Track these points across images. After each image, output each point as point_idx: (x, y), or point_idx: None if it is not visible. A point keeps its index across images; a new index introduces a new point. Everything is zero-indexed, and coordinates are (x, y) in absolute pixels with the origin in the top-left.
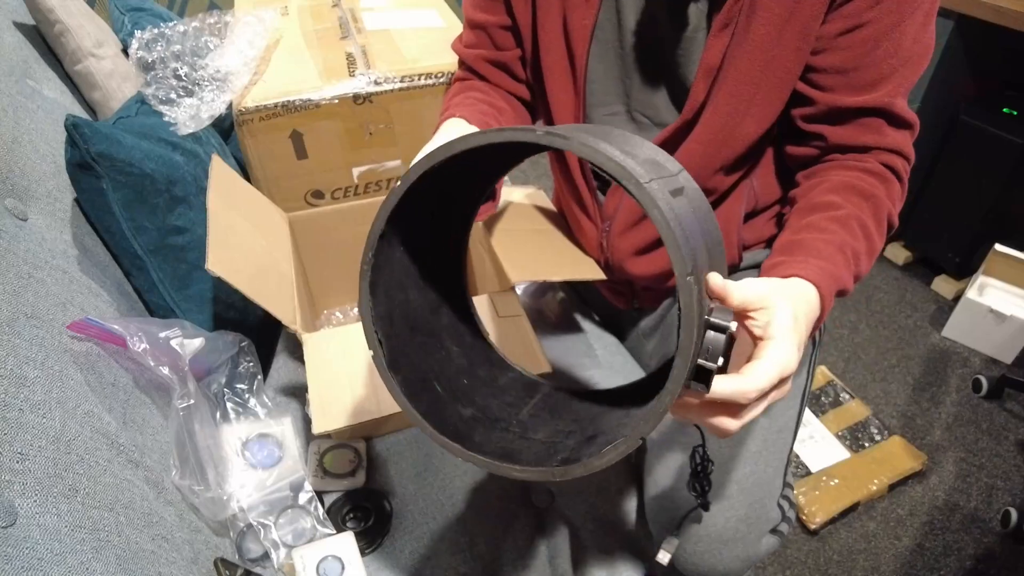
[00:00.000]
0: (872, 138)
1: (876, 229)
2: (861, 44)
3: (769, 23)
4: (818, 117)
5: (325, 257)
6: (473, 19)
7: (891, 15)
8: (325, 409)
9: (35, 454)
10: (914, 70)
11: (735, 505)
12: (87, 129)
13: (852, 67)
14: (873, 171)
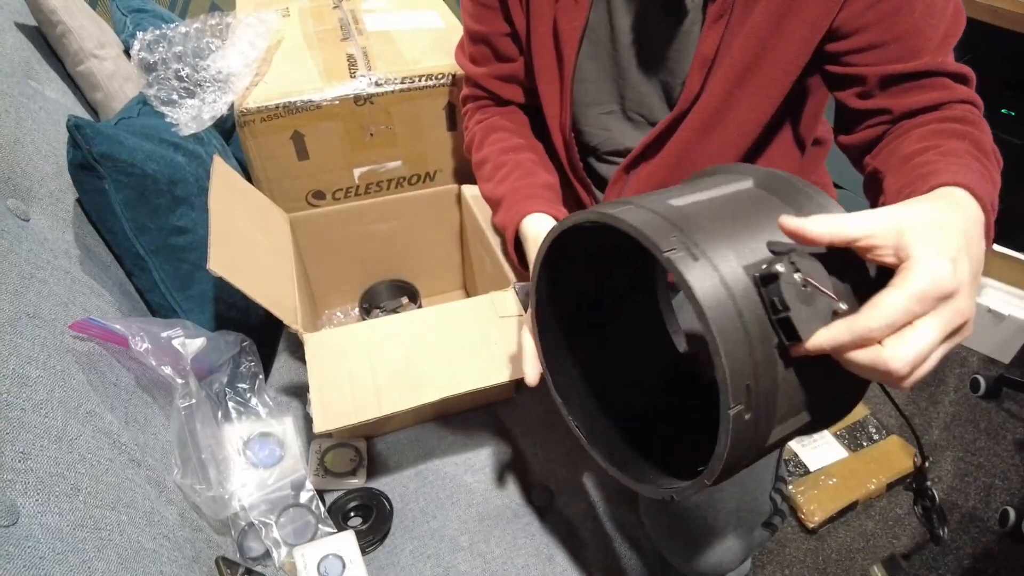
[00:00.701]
0: (939, 94)
1: (987, 158)
2: (892, 14)
3: (767, 13)
4: (874, 91)
5: (326, 257)
6: (473, 31)
7: None
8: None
9: (37, 453)
10: (953, 27)
11: (726, 498)
12: (89, 130)
13: (891, 39)
14: (954, 117)
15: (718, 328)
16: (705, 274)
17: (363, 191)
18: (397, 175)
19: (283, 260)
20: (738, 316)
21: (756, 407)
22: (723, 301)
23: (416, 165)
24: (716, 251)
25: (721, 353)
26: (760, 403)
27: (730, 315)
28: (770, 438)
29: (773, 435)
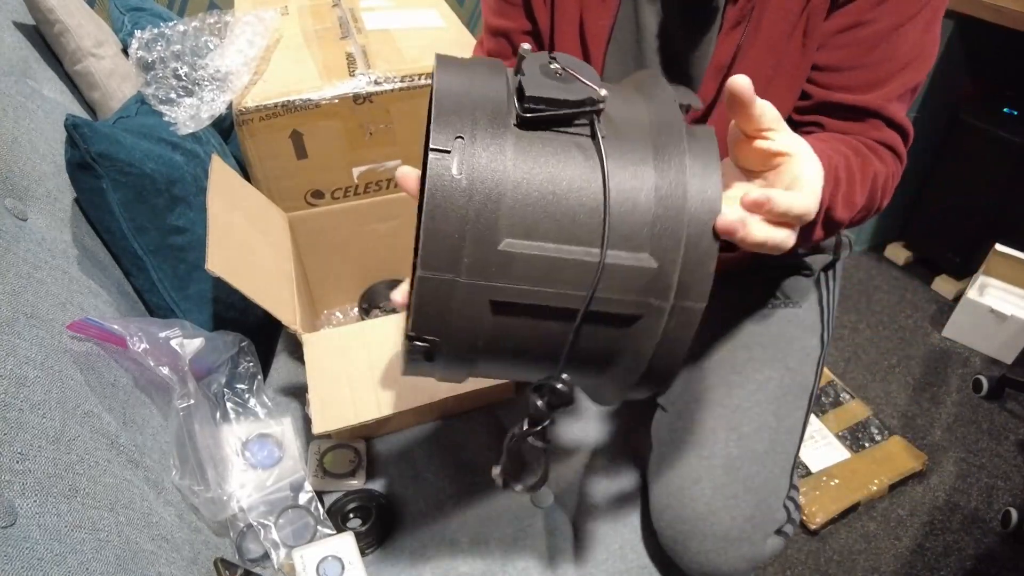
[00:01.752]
0: (870, 130)
1: (860, 179)
2: (859, 44)
3: (781, 20)
4: (812, 109)
5: (325, 257)
6: (493, 25)
7: (892, 16)
8: (325, 409)
9: (35, 454)
10: (913, 76)
11: (741, 504)
12: (87, 129)
13: (848, 67)
14: (868, 145)
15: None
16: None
17: (362, 190)
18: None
19: (282, 260)
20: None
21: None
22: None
23: (416, 164)
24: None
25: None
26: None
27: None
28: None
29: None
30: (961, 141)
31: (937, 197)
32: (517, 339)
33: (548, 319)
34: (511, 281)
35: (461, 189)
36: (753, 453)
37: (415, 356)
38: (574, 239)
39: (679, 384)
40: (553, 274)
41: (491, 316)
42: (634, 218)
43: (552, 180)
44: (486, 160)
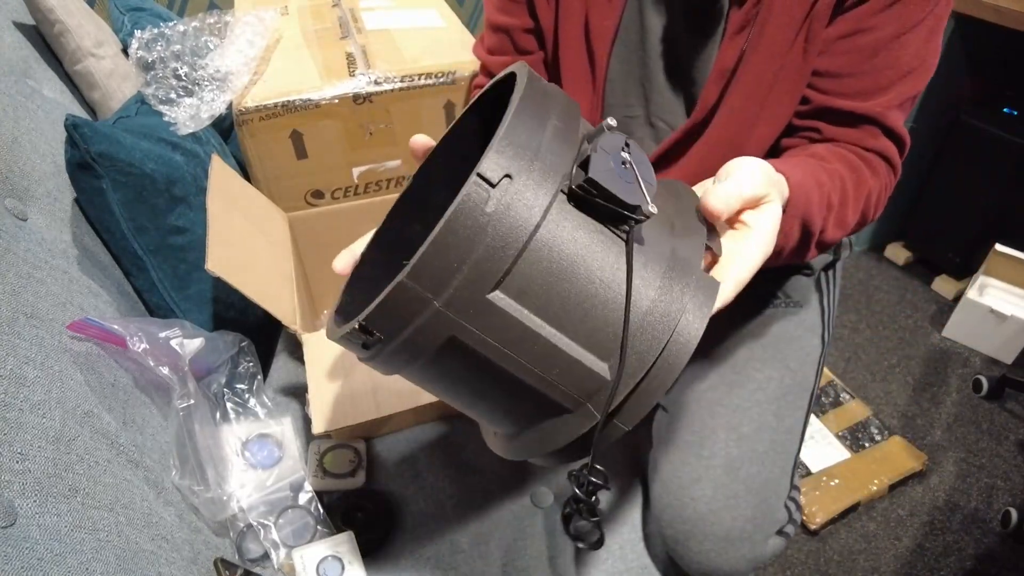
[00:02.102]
0: (866, 138)
1: (853, 199)
2: (859, 50)
3: (785, 26)
4: (811, 114)
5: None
6: (495, 22)
7: (894, 24)
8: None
9: (35, 454)
10: (913, 84)
11: (742, 505)
12: (87, 129)
13: (848, 73)
14: (863, 156)
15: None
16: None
17: (362, 190)
18: (396, 174)
19: (282, 260)
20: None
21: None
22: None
23: (415, 164)
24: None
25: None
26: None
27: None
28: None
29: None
30: (961, 141)
31: (937, 197)
32: (455, 375)
33: (492, 374)
34: (481, 330)
35: (482, 225)
36: (754, 453)
37: (351, 339)
38: (556, 322)
39: (680, 383)
40: (522, 343)
41: (444, 347)
42: (615, 329)
43: (569, 261)
44: (522, 212)
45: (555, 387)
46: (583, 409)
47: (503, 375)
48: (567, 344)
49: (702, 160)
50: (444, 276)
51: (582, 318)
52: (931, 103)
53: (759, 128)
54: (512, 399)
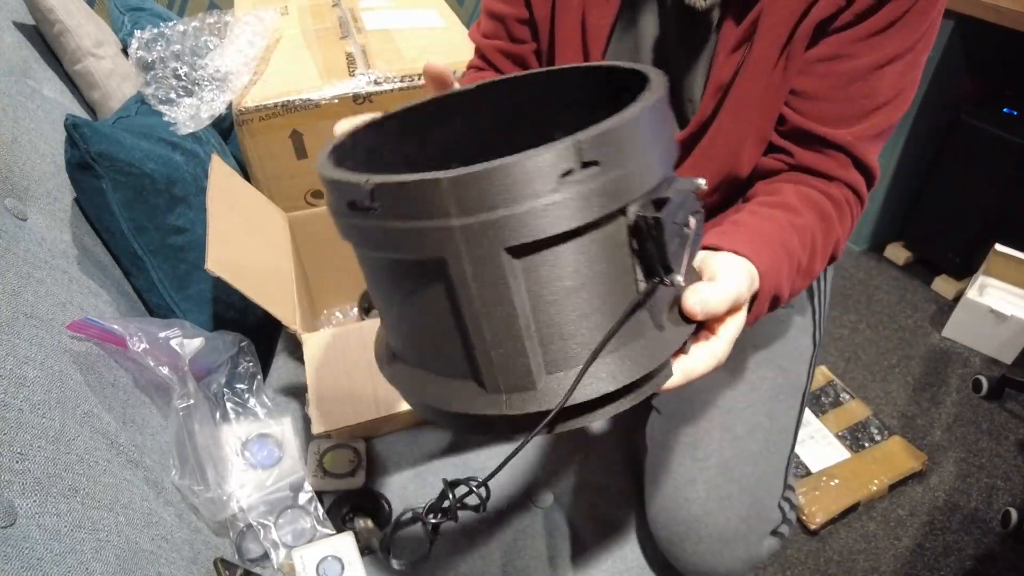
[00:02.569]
0: (835, 168)
1: (822, 252)
2: (837, 75)
3: (772, 44)
4: (786, 135)
5: (325, 257)
6: (491, 9)
7: (874, 54)
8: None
9: (35, 454)
10: (887, 116)
11: (736, 505)
12: (87, 129)
13: (823, 96)
14: (834, 197)
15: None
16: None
17: None
18: None
19: (282, 260)
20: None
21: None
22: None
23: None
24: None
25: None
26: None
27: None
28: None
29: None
30: (961, 141)
31: (937, 197)
32: (410, 287)
33: (445, 310)
34: (472, 274)
35: (547, 189)
36: (747, 454)
37: (343, 189)
38: (535, 316)
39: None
40: (495, 309)
41: (427, 261)
42: (576, 356)
43: (587, 277)
44: (585, 205)
45: (490, 363)
46: (497, 396)
47: (455, 317)
48: (529, 338)
49: (696, 173)
50: (481, 204)
51: (558, 330)
52: (931, 103)
53: (748, 144)
54: (444, 341)
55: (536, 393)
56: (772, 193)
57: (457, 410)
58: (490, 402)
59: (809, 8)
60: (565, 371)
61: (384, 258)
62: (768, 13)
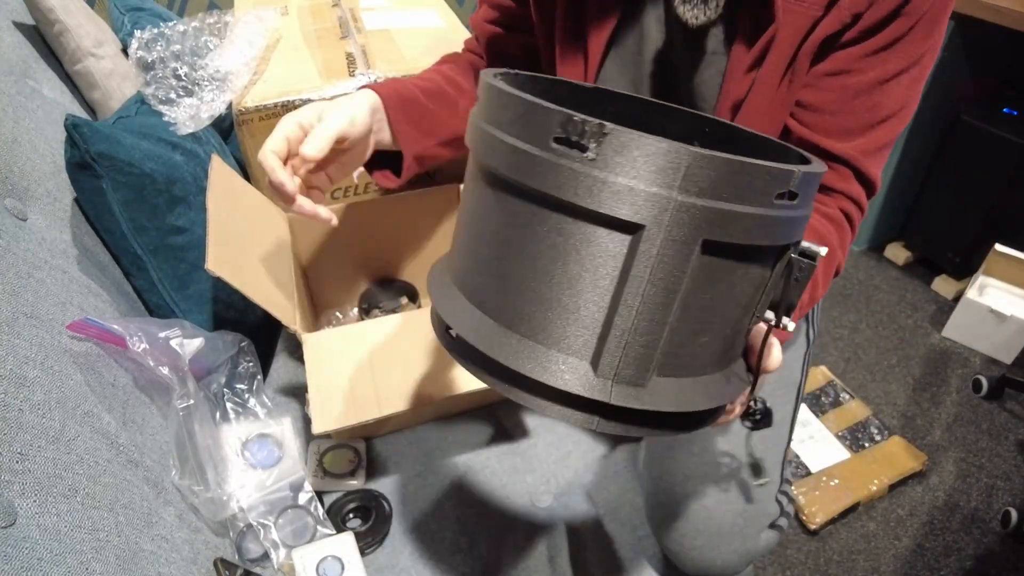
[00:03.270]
0: (838, 183)
1: (823, 281)
2: (842, 89)
3: (779, 61)
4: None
5: (325, 257)
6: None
7: (878, 70)
8: (325, 409)
9: (35, 454)
10: (890, 130)
11: (732, 499)
12: (87, 129)
13: (828, 110)
14: (833, 218)
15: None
16: None
17: (362, 190)
18: None
19: (282, 260)
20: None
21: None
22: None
23: None
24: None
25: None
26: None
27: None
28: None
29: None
30: (961, 141)
31: (937, 197)
32: (590, 250)
33: (609, 283)
34: (661, 253)
35: (764, 215)
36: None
37: (537, 115)
38: (689, 312)
39: None
40: (669, 290)
41: (594, 217)
42: (711, 351)
43: (729, 295)
44: (792, 226)
45: (620, 346)
46: (605, 383)
47: (612, 290)
48: (666, 333)
49: None
50: (708, 189)
51: (688, 336)
52: (931, 103)
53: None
54: (577, 311)
55: (643, 391)
56: None
57: (555, 384)
58: (598, 387)
59: (815, 25)
60: (675, 377)
61: (550, 203)
62: (780, 34)
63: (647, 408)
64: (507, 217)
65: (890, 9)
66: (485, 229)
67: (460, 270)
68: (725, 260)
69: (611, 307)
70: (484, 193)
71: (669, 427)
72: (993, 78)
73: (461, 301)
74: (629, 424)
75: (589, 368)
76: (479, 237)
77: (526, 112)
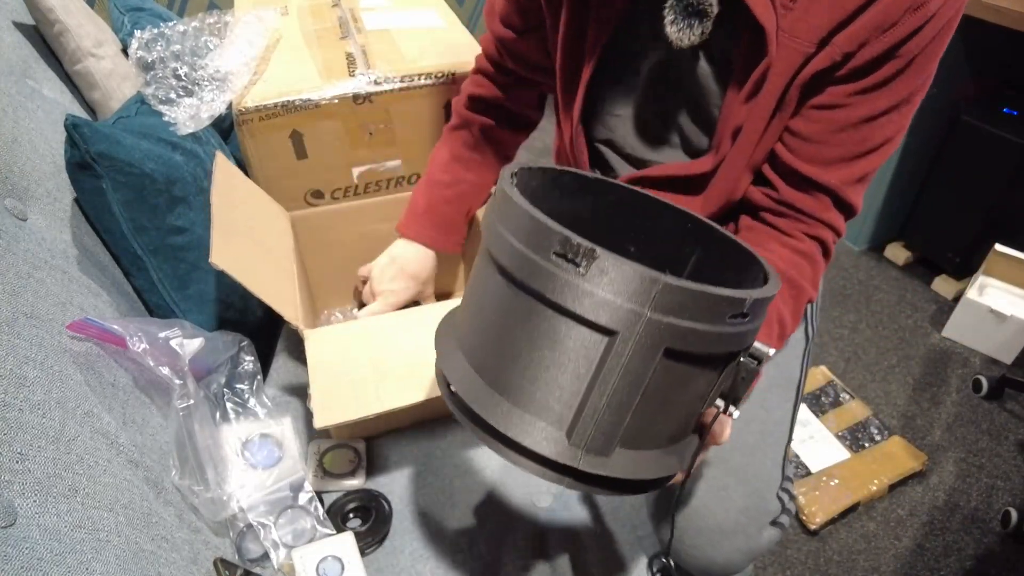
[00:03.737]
0: (816, 210)
1: (792, 320)
2: (829, 123)
3: (773, 92)
4: (776, 169)
5: (325, 257)
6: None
7: (868, 106)
8: (327, 404)
9: (35, 454)
10: (874, 161)
11: (733, 496)
12: (87, 129)
13: (815, 140)
14: (806, 252)
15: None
16: None
17: (362, 190)
18: (396, 174)
19: (284, 257)
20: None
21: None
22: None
23: (415, 164)
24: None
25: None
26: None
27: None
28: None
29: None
30: (961, 141)
31: (937, 197)
32: (565, 343)
33: (595, 371)
34: (631, 353)
35: (724, 332)
36: (743, 445)
37: (544, 236)
38: (651, 402)
39: None
40: (634, 385)
41: (567, 315)
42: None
43: (671, 393)
44: (749, 339)
45: (591, 422)
46: (576, 450)
47: (589, 376)
48: (630, 415)
49: (704, 201)
50: (675, 311)
51: (648, 418)
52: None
53: (745, 174)
54: (558, 389)
55: (608, 460)
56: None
57: (536, 449)
58: (568, 453)
59: (807, 60)
60: (636, 450)
61: (546, 301)
62: (774, 68)
63: (610, 475)
64: (509, 304)
65: (882, 51)
66: (489, 306)
67: (466, 335)
68: (683, 363)
69: (587, 390)
70: (492, 276)
71: (628, 490)
72: (993, 78)
73: (462, 363)
74: (594, 486)
75: (564, 437)
76: (483, 311)
77: (533, 227)
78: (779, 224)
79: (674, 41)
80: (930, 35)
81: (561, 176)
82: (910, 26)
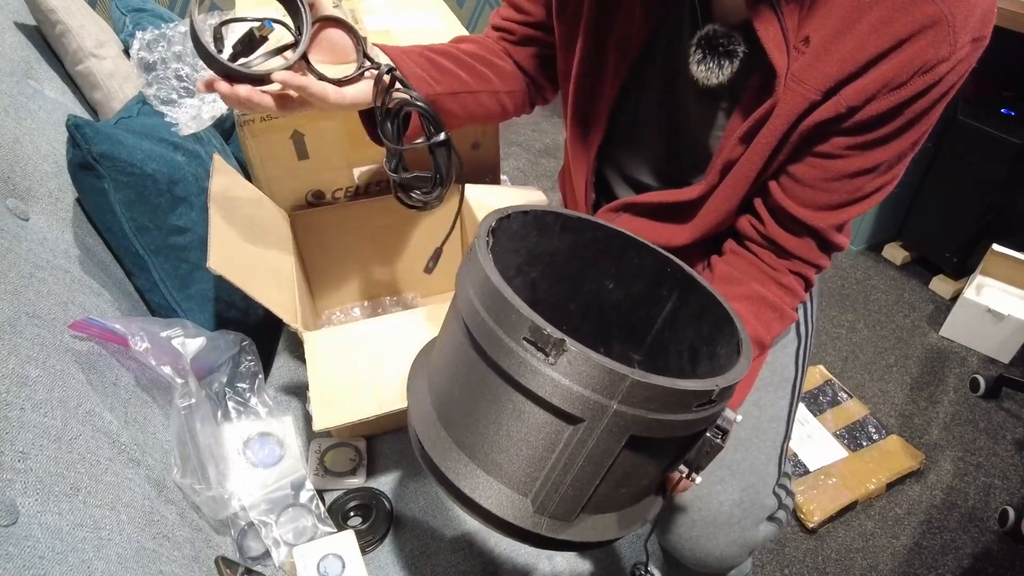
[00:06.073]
0: (799, 250)
1: (771, 339)
2: (827, 170)
3: (772, 135)
4: (766, 204)
5: (326, 257)
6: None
7: (865, 160)
8: (326, 406)
9: (37, 453)
10: (863, 207)
11: (727, 489)
12: (88, 129)
13: (807, 183)
14: (787, 285)
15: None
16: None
17: (363, 191)
18: None
19: (283, 259)
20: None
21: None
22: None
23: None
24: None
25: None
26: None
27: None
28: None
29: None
30: (959, 142)
31: (935, 197)
32: (527, 422)
33: (559, 451)
34: (601, 438)
35: (691, 419)
36: (737, 441)
37: (519, 329)
38: (612, 482)
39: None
40: (594, 465)
41: (552, 408)
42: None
43: (632, 472)
44: (711, 421)
45: (555, 493)
46: (540, 517)
47: (556, 454)
48: (594, 489)
49: (693, 228)
50: (641, 403)
51: (612, 491)
52: None
53: (736, 205)
54: (526, 462)
55: (570, 525)
56: (727, 286)
57: (502, 515)
58: (533, 520)
59: (812, 108)
60: (599, 514)
61: (513, 382)
62: (777, 110)
63: (574, 540)
64: (477, 373)
65: (887, 108)
66: (457, 364)
67: (436, 383)
68: (648, 446)
69: (552, 466)
70: (462, 339)
71: (591, 548)
72: (992, 78)
73: (432, 417)
74: (557, 548)
75: (529, 504)
76: (453, 366)
77: (505, 307)
78: (762, 256)
79: (700, 80)
80: (934, 97)
81: (543, 216)
82: (917, 87)
